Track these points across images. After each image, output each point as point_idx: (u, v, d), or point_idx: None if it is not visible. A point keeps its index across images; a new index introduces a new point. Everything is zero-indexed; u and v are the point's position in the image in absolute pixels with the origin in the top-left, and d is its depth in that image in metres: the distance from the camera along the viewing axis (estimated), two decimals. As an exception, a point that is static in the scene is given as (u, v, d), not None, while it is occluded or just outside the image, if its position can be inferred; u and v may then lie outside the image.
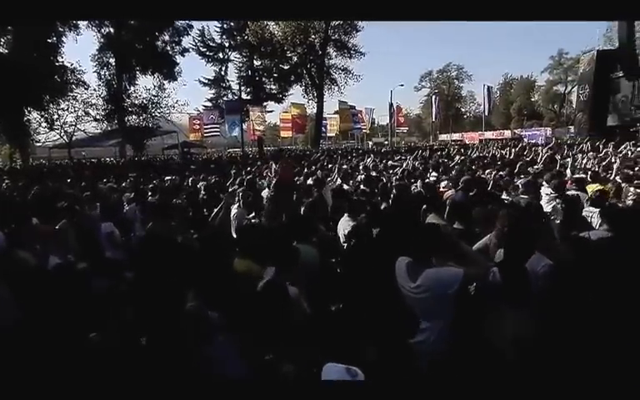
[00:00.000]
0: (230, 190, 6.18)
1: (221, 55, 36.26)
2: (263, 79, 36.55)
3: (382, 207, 4.71)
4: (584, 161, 8.04)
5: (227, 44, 35.92)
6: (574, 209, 3.77)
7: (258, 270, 3.05)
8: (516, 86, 58.44)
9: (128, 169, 14.25)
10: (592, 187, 5.09)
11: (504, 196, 5.22)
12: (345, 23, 33.45)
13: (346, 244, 4.06)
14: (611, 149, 9.26)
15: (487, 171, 7.61)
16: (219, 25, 34.82)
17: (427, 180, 5.80)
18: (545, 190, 5.09)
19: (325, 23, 32.76)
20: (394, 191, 5.09)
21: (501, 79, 59.90)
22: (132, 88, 29.29)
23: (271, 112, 38.00)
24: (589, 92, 25.87)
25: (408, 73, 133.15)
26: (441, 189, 5.71)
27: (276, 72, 35.79)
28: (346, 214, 4.28)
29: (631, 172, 5.95)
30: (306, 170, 8.67)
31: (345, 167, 8.80)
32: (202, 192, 7.31)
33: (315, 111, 36.95)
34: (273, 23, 33.78)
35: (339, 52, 35.44)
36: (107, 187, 8.20)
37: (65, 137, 28.04)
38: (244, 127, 30.99)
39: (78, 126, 28.36)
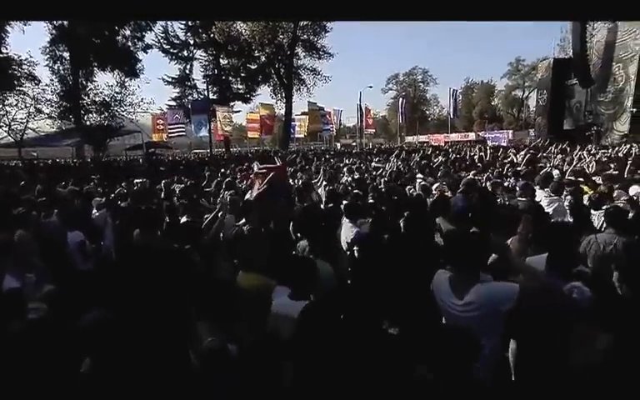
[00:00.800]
0: (221, 196, 5.68)
1: (185, 53, 35.01)
2: (230, 78, 35.59)
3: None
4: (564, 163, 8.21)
5: (191, 42, 34.68)
6: (585, 213, 3.67)
7: (266, 286, 2.70)
8: (477, 90, 60.68)
9: (89, 171, 13.24)
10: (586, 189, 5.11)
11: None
12: (314, 24, 33.25)
13: (349, 252, 3.79)
14: (582, 152, 9.56)
15: (470, 172, 7.60)
16: (183, 22, 33.59)
17: (424, 183, 5.57)
18: (539, 192, 5.03)
19: (293, 23, 32.39)
20: (393, 194, 4.83)
21: (463, 83, 62.08)
22: (90, 85, 27.35)
23: (238, 112, 37.12)
24: (547, 98, 27.17)
25: (375, 75, 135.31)
26: (433, 192, 5.54)
27: (243, 71, 34.96)
28: (346, 220, 3.97)
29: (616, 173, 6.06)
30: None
31: (328, 168, 8.50)
32: (178, 195, 6.79)
33: (283, 111, 36.55)
34: (240, 21, 33.11)
35: (308, 53, 35.20)
36: (67, 190, 7.43)
37: (13, 136, 25.65)
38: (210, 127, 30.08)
39: (29, 124, 26.07)
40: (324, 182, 6.56)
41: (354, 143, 50.03)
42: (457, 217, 3.73)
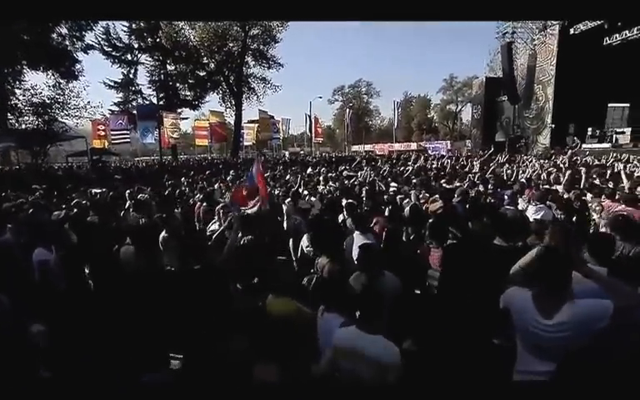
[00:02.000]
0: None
1: (129, 56, 32.72)
2: (177, 85, 33.90)
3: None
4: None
5: (136, 46, 32.52)
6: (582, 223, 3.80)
7: (304, 312, 2.42)
8: (415, 103, 63.77)
9: (26, 179, 11.68)
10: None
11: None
12: (264, 33, 32.87)
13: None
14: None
15: (441, 181, 7.78)
16: (127, 24, 31.43)
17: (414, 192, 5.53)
18: (521, 200, 5.22)
19: (244, 32, 31.77)
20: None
21: (402, 96, 65.00)
22: (25, 84, 24.41)
23: (186, 119, 35.44)
24: (481, 112, 29.15)
25: (320, 86, 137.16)
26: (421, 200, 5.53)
27: (191, 78, 33.46)
28: (357, 231, 3.78)
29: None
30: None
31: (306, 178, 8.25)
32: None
33: (230, 119, 35.57)
34: (189, 27, 31.73)
35: (257, 62, 34.64)
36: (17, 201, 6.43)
37: None
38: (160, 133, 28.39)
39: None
40: (305, 191, 6.32)
41: (302, 152, 50.12)
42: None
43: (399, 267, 2.92)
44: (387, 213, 4.72)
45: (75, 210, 5.86)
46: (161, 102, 31.65)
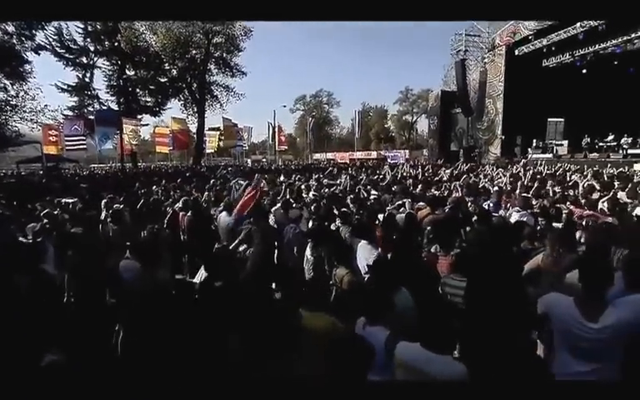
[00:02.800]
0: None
1: (84, 59, 30.73)
2: (137, 90, 32.30)
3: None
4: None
5: (92, 49, 30.62)
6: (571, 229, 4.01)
7: (339, 327, 2.33)
8: (373, 113, 65.31)
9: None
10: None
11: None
12: (227, 42, 32.26)
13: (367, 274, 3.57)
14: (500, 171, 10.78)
15: (417, 189, 7.97)
16: (82, 26, 29.54)
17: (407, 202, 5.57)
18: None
19: (207, 39, 31.01)
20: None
21: (360, 107, 66.42)
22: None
23: (146, 125, 33.86)
24: (437, 123, 30.37)
25: (283, 95, 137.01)
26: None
27: (152, 84, 32.03)
28: (363, 241, 3.75)
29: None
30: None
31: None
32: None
33: (192, 126, 34.50)
34: (150, 33, 30.47)
35: (220, 70, 33.88)
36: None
37: None
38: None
39: None
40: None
41: (264, 159, 49.68)
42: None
43: (413, 277, 2.92)
44: (381, 222, 4.73)
45: (46, 221, 5.38)
46: (119, 108, 30.14)
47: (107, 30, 29.50)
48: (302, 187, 8.12)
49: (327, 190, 8.31)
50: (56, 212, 6.10)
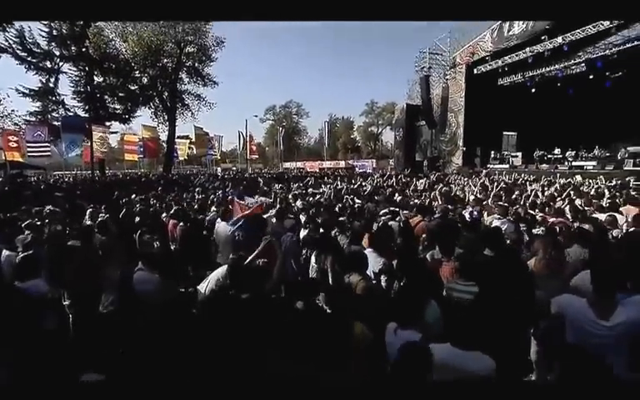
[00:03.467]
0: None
1: (49, 64, 28.98)
2: (106, 97, 30.85)
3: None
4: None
5: (57, 53, 28.94)
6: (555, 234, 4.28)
7: (367, 333, 2.37)
8: (340, 124, 66.23)
9: None
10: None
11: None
12: (199, 52, 31.60)
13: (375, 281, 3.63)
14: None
15: (396, 196, 8.20)
16: (46, 29, 27.92)
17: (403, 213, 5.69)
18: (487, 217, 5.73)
19: (179, 49, 30.24)
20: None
21: (327, 117, 67.21)
22: None
23: (115, 133, 32.39)
24: (402, 135, 31.25)
25: (252, 104, 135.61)
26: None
27: (121, 91, 30.72)
28: (369, 249, 3.81)
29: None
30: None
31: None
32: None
33: (162, 135, 33.36)
34: (119, 39, 29.30)
35: (192, 79, 33.05)
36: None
37: None
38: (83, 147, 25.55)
39: None
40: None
41: (234, 168, 48.94)
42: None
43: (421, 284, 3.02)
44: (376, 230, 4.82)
45: (29, 232, 5.03)
46: (86, 114, 28.65)
47: (74, 35, 28.07)
48: (290, 196, 8.10)
49: (311, 199, 8.36)
50: (39, 223, 5.71)
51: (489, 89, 22.88)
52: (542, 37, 18.48)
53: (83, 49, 28.36)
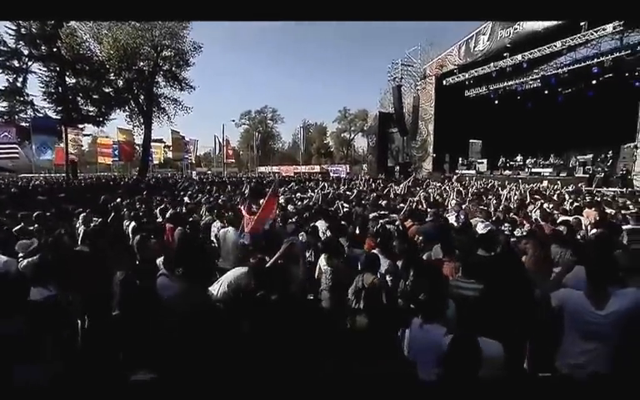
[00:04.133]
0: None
1: (16, 63, 27.30)
2: (78, 99, 29.41)
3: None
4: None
5: (26, 52, 27.31)
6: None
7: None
8: (313, 130, 66.55)
9: None
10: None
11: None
12: (176, 56, 30.83)
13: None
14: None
15: (382, 201, 8.46)
16: (14, 28, 26.32)
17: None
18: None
19: (155, 52, 29.40)
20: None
21: (301, 123, 67.42)
22: None
23: (88, 135, 30.97)
24: (375, 141, 31.93)
25: (227, 109, 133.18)
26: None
27: (95, 93, 29.41)
28: (374, 250, 3.99)
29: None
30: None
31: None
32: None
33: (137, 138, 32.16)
34: (94, 41, 28.12)
35: (168, 83, 32.10)
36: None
37: None
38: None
39: None
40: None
41: (209, 172, 48.03)
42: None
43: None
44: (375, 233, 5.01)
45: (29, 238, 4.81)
46: (57, 116, 27.22)
47: (45, 34, 26.60)
48: (282, 200, 8.16)
49: (299, 203, 8.47)
50: (32, 228, 5.46)
51: (457, 100, 23.90)
52: (505, 54, 19.57)
53: (54, 49, 27.00)
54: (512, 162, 21.60)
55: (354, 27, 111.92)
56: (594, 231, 5.01)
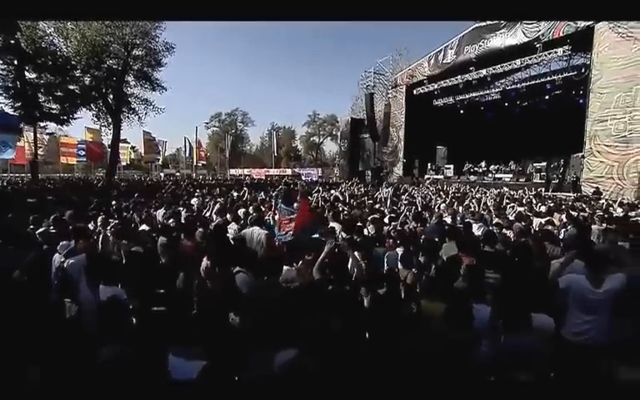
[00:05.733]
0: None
1: (-32, 54, 25.24)
2: (40, 95, 27.70)
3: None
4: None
5: (-22, 43, 25.32)
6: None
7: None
8: (282, 133, 66.70)
9: None
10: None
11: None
12: (147, 56, 29.90)
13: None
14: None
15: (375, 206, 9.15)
16: (-33, 19, 24.37)
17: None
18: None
19: (126, 51, 28.40)
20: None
21: (269, 126, 67.40)
22: None
23: (51, 134, 29.16)
24: (347, 146, 32.84)
25: (197, 111, 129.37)
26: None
27: (59, 90, 27.83)
28: (399, 248, 4.60)
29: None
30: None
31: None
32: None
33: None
34: (57, 34, 26.66)
35: (139, 83, 30.99)
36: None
37: None
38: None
39: None
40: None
41: (177, 173, 46.80)
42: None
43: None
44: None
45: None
46: (15, 113, 25.47)
47: (2, 25, 24.88)
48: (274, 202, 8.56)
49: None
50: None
51: (426, 108, 25.36)
52: (470, 68, 21.17)
53: (12, 41, 25.28)
54: (476, 168, 23.31)
55: (324, 32, 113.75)
56: (569, 230, 5.94)
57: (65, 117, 28.64)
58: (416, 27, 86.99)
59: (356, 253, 4.62)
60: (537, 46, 17.52)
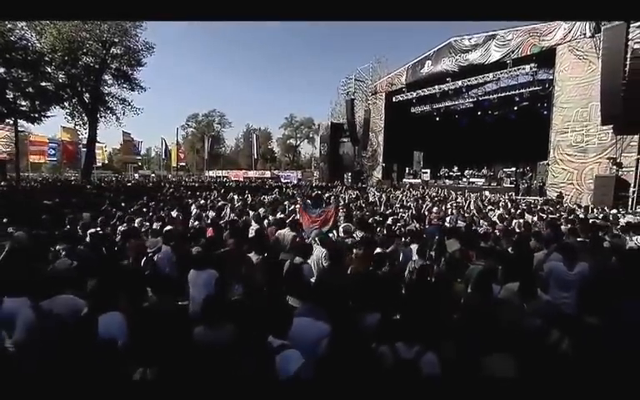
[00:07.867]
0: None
1: None
2: (8, 91, 26.66)
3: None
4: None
5: (-59, 35, 24.12)
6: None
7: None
8: (258, 135, 66.80)
9: None
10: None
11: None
12: (126, 55, 29.48)
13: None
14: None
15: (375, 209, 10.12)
16: None
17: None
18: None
19: (104, 49, 27.95)
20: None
21: (244, 128, 67.40)
22: None
23: (21, 132, 28.07)
24: (327, 149, 33.78)
25: (174, 111, 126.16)
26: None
27: (30, 86, 26.93)
28: (413, 245, 5.54)
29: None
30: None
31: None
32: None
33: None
34: (27, 28, 25.85)
35: (117, 82, 30.43)
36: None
37: None
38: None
39: None
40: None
41: (153, 175, 45.98)
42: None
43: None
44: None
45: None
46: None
47: (-33, 17, 23.84)
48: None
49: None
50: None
51: (404, 115, 26.80)
52: (447, 79, 22.77)
53: (-21, 34, 24.27)
54: (451, 172, 25.00)
55: (301, 36, 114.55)
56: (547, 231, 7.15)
57: (36, 115, 27.71)
58: (395, 36, 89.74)
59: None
60: (508, 62, 19.27)
